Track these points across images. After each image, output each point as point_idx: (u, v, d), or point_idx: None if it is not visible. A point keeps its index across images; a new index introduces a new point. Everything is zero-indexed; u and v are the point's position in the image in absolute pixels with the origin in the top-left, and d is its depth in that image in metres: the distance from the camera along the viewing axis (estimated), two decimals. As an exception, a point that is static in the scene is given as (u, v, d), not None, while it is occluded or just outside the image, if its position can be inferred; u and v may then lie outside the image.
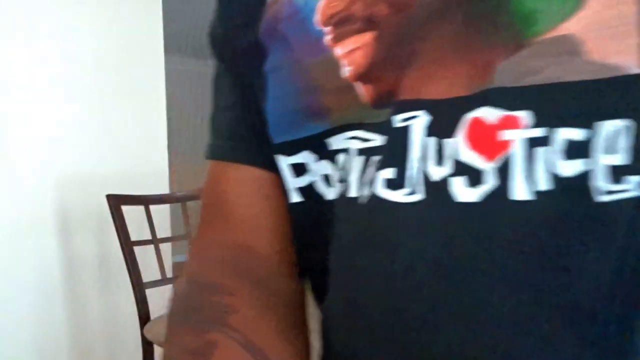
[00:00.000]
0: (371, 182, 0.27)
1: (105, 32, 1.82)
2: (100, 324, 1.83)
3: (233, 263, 0.34)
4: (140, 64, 1.91)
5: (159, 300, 1.90)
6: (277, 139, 0.34)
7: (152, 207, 1.68)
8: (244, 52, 0.35)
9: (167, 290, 1.97)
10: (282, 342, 0.29)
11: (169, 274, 1.75)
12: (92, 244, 1.80)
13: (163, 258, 1.70)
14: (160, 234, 1.71)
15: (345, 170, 0.30)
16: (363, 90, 0.29)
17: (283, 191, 0.35)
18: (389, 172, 0.26)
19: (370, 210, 0.27)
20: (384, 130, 0.28)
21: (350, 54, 0.29)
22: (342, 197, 0.30)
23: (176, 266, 2.05)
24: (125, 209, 1.59)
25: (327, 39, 0.30)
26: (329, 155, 0.32)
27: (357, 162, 0.29)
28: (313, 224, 0.33)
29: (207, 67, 5.16)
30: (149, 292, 1.61)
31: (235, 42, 0.36)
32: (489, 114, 0.24)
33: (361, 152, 0.29)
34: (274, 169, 0.35)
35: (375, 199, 0.27)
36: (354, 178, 0.29)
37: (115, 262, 1.81)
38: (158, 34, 1.96)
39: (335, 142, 0.31)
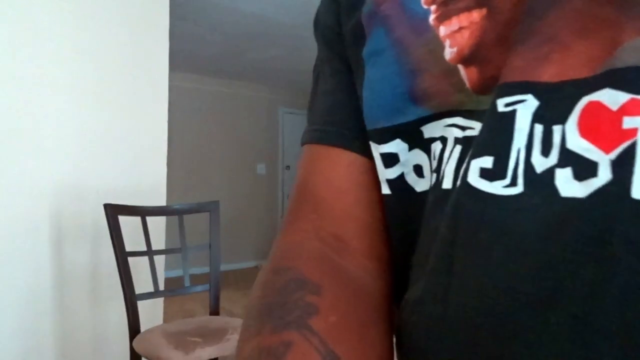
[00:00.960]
0: (464, 172, 0.25)
1: (111, 48, 1.86)
2: (88, 335, 1.82)
3: (321, 256, 0.31)
4: (144, 79, 1.95)
5: (150, 313, 1.90)
6: (371, 125, 0.32)
7: (148, 219, 1.69)
8: (346, 36, 0.35)
9: (158, 303, 1.97)
10: (362, 350, 0.27)
11: (161, 287, 1.75)
12: (85, 254, 1.80)
13: (156, 271, 1.70)
14: (154, 247, 1.72)
15: (440, 161, 0.28)
16: (466, 74, 0.27)
17: (378, 180, 0.33)
18: (486, 161, 0.24)
19: (462, 202, 0.24)
20: (485, 117, 0.25)
21: (455, 34, 0.27)
22: (436, 188, 0.28)
23: (169, 280, 2.04)
24: (121, 219, 1.60)
25: (432, 18, 0.28)
26: (423, 144, 0.30)
27: (455, 152, 0.27)
28: (401, 217, 0.32)
29: (207, 85, 5.22)
30: (140, 304, 1.61)
31: (338, 26, 0.36)
32: (611, 97, 0.21)
33: (459, 141, 0.27)
34: (370, 156, 0.33)
35: (468, 189, 0.24)
36: (450, 169, 0.27)
37: (107, 272, 1.82)
38: (164, 51, 2.00)
39: (431, 129, 0.29)
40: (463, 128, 0.27)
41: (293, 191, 0.38)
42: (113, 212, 1.58)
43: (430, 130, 0.30)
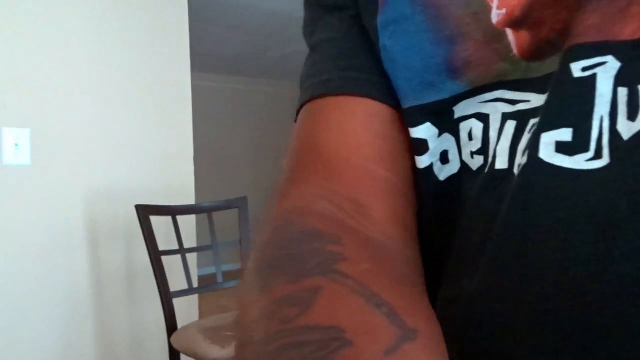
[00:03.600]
0: (532, 147, 0.22)
1: (134, 50, 1.89)
2: (127, 333, 1.87)
3: (334, 217, 0.26)
4: (168, 80, 1.97)
5: (185, 310, 1.94)
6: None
7: (178, 218, 1.72)
8: (359, 2, 0.30)
9: (193, 300, 2.00)
10: (409, 300, 0.22)
11: (195, 284, 1.78)
12: (120, 255, 1.85)
13: (190, 268, 1.73)
14: (186, 245, 1.75)
15: (486, 140, 0.25)
16: (514, 39, 0.24)
17: (408, 133, 0.29)
18: (563, 134, 0.21)
19: (533, 181, 0.22)
20: (545, 85, 0.23)
21: None
22: (485, 171, 0.25)
23: (202, 278, 2.08)
24: (153, 219, 1.63)
25: None
26: (452, 126, 0.27)
27: (507, 129, 0.24)
28: (426, 206, 0.29)
29: (229, 83, 5.26)
30: (175, 302, 1.64)
31: None
32: None
33: (510, 116, 0.24)
34: (399, 107, 0.29)
35: (540, 166, 0.21)
36: (503, 147, 0.24)
37: (142, 272, 1.86)
38: (185, 52, 2.02)
39: (464, 108, 0.26)
40: (513, 102, 0.24)
41: (291, 153, 0.31)
42: (144, 212, 1.61)
43: (462, 109, 0.26)
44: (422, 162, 0.28)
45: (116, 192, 1.84)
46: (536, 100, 0.23)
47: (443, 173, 0.28)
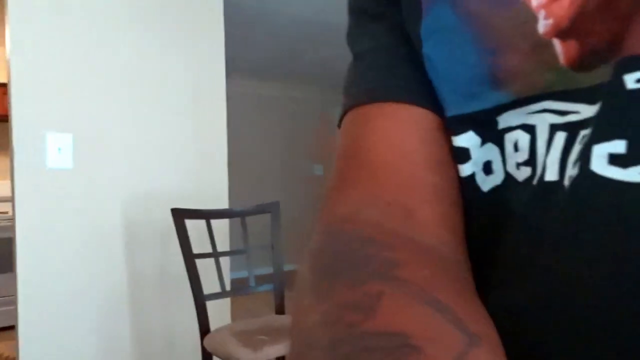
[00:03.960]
0: (583, 159, 0.22)
1: (172, 56, 1.94)
2: (161, 334, 1.91)
3: (383, 223, 0.26)
4: (203, 86, 2.01)
5: (218, 312, 1.96)
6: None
7: (212, 222, 1.75)
8: (402, 9, 0.30)
9: (225, 303, 2.03)
10: (468, 303, 0.22)
11: (227, 288, 1.80)
12: (155, 257, 1.89)
13: (222, 272, 1.75)
14: (219, 248, 1.77)
15: (533, 152, 0.25)
16: (562, 49, 0.24)
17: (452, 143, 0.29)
18: (616, 146, 0.21)
19: (585, 193, 0.21)
20: (597, 96, 0.22)
21: (551, 3, 0.23)
22: (534, 182, 0.25)
23: (234, 282, 2.10)
24: (187, 223, 1.66)
25: None
26: (496, 136, 0.27)
27: (557, 140, 0.24)
28: (471, 218, 0.29)
29: (262, 89, 5.31)
30: (208, 305, 1.66)
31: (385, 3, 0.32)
32: None
33: (559, 127, 0.24)
34: (443, 114, 0.29)
35: (592, 178, 0.21)
36: (553, 159, 0.24)
37: (176, 274, 1.89)
38: (220, 57, 2.06)
39: (509, 118, 0.26)
40: (562, 112, 0.24)
41: (339, 156, 0.31)
42: (179, 216, 1.64)
43: (507, 119, 0.26)
44: (464, 170, 0.28)
45: (152, 195, 1.88)
46: (586, 111, 0.23)
47: (486, 184, 0.28)
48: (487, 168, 0.28)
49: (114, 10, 1.81)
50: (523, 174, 0.26)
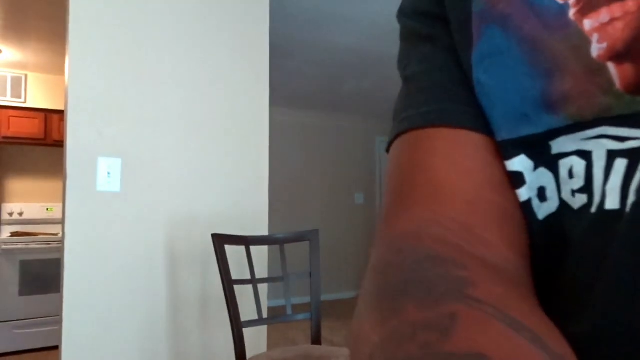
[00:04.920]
0: None
1: (219, 84, 2.00)
2: (198, 358, 1.91)
3: (450, 241, 0.26)
4: (247, 114, 2.06)
5: (255, 339, 1.95)
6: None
7: (251, 248, 1.76)
8: (453, 33, 0.31)
9: (262, 330, 2.02)
10: (545, 321, 0.21)
11: (264, 315, 1.80)
12: (195, 281, 1.91)
13: (260, 299, 1.75)
14: (258, 275, 1.77)
15: (590, 179, 0.25)
16: (617, 73, 0.23)
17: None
18: None
19: (638, 218, 0.21)
20: None
21: (605, 26, 0.23)
22: (593, 210, 0.24)
23: (271, 310, 2.10)
24: (227, 248, 1.68)
25: (572, 12, 0.24)
26: (549, 161, 0.27)
27: (617, 167, 0.23)
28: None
29: (305, 118, 5.39)
30: (245, 331, 1.66)
31: (439, 9, 0.32)
32: None
33: (619, 154, 0.24)
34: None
35: None
36: (613, 186, 0.24)
37: (215, 299, 1.91)
38: (265, 86, 2.11)
39: (563, 144, 0.26)
40: (621, 139, 0.23)
41: (396, 176, 0.31)
42: (220, 241, 1.66)
43: (561, 144, 0.26)
44: (522, 195, 0.28)
45: (195, 219, 1.92)
46: None
47: (541, 211, 0.27)
48: (541, 195, 0.27)
49: (167, 43, 1.89)
50: (579, 201, 0.25)
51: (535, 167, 0.27)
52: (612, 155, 0.24)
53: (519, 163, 0.27)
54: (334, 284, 5.54)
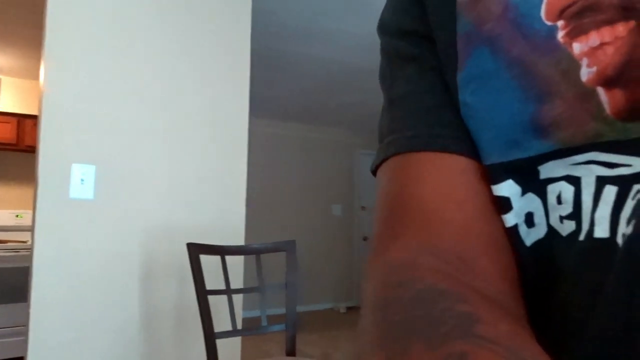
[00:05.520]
0: (638, 217, 0.21)
1: (197, 94, 1.99)
2: (171, 371, 1.87)
3: (444, 271, 0.25)
4: (226, 124, 2.06)
5: (229, 351, 1.93)
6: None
7: (227, 258, 1.74)
8: (439, 54, 0.30)
9: (236, 342, 1.99)
10: None
11: (239, 326, 1.78)
12: (171, 292, 1.88)
13: (235, 310, 1.73)
14: (233, 286, 1.75)
15: (578, 205, 0.24)
16: (607, 98, 0.23)
17: None
18: None
19: (637, 253, 0.21)
20: None
21: (595, 50, 0.23)
22: (581, 238, 0.24)
23: (246, 321, 2.07)
24: (203, 258, 1.66)
25: (561, 34, 0.24)
26: (537, 186, 0.26)
27: (607, 194, 0.23)
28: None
29: (286, 129, 5.40)
30: (218, 343, 1.64)
31: (424, 27, 0.31)
32: None
33: (608, 180, 0.23)
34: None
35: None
36: (602, 214, 0.23)
37: (191, 310, 1.88)
38: (245, 97, 2.11)
39: (552, 169, 0.25)
40: (610, 165, 0.23)
41: (385, 203, 0.30)
42: (195, 250, 1.65)
43: (549, 169, 0.25)
44: (508, 221, 0.27)
45: (171, 229, 1.90)
46: (639, 164, 0.22)
47: (529, 238, 0.27)
48: (529, 220, 0.27)
49: (146, 52, 1.88)
50: (567, 228, 0.25)
51: (523, 193, 0.27)
52: (601, 182, 0.23)
53: (507, 188, 0.27)
54: (310, 295, 5.52)
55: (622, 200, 0.22)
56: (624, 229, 0.22)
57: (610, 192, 0.23)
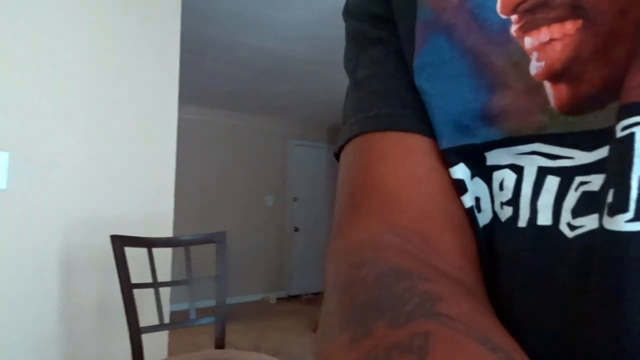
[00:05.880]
0: (596, 212, 0.22)
1: (124, 78, 1.90)
2: (92, 368, 1.80)
3: (407, 250, 0.25)
4: (154, 111, 1.98)
5: (154, 346, 1.88)
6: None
7: (154, 251, 1.69)
8: (399, 40, 0.31)
9: (163, 336, 1.94)
10: (510, 338, 0.21)
11: (166, 320, 1.73)
12: (94, 286, 1.80)
13: (162, 303, 1.69)
14: (160, 279, 1.70)
15: (517, 192, 0.25)
16: (552, 92, 0.24)
17: None
18: (610, 196, 0.21)
19: (594, 245, 0.21)
20: (587, 142, 0.23)
21: (544, 46, 0.24)
22: (530, 225, 0.25)
23: (174, 314, 2.03)
24: (128, 250, 1.60)
25: (514, 28, 0.25)
26: (483, 172, 0.27)
27: (549, 184, 0.24)
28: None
29: (218, 117, 5.29)
30: (145, 338, 1.59)
31: (387, 12, 0.32)
32: None
33: (550, 171, 0.24)
34: None
35: (605, 232, 0.21)
36: (545, 203, 0.24)
37: (114, 305, 1.80)
38: (174, 83, 2.04)
39: (497, 156, 0.27)
40: (553, 157, 0.24)
41: (347, 184, 0.31)
42: (119, 243, 1.58)
43: (495, 156, 0.27)
44: (465, 202, 0.28)
45: (94, 220, 1.80)
46: (580, 157, 0.23)
47: (480, 220, 0.28)
48: (477, 205, 0.28)
49: (69, 34, 1.77)
50: (505, 213, 0.26)
51: (472, 177, 0.28)
52: (542, 172, 0.24)
53: (460, 171, 0.28)
54: (241, 287, 5.48)
55: (565, 191, 0.23)
56: (568, 218, 0.23)
57: (552, 182, 0.24)
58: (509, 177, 0.26)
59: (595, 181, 0.23)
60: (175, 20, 2.05)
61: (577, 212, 0.23)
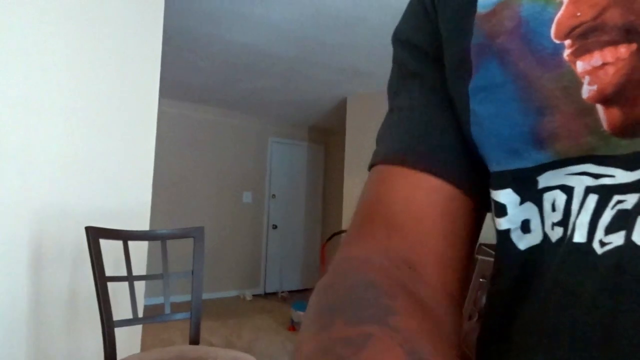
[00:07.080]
0: (628, 229, 0.23)
1: (103, 69, 1.87)
2: (63, 362, 1.77)
3: (391, 274, 0.29)
4: (134, 104, 1.96)
5: (127, 340, 1.86)
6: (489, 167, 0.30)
7: (130, 244, 1.67)
8: (447, 65, 0.33)
9: (136, 331, 1.92)
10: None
11: (140, 314, 1.72)
12: (65, 278, 1.77)
13: (136, 297, 1.67)
14: (135, 272, 1.69)
15: (567, 213, 0.26)
16: (604, 115, 0.24)
17: (468, 212, 0.33)
18: None
19: (624, 263, 0.22)
20: (632, 163, 0.23)
21: (597, 70, 0.24)
22: (565, 243, 0.26)
23: (148, 308, 2.01)
24: (103, 243, 1.58)
25: (567, 53, 0.25)
26: (535, 195, 0.28)
27: (588, 202, 0.25)
28: (500, 273, 0.30)
29: (197, 112, 5.25)
30: (117, 331, 1.57)
31: (431, 46, 0.34)
32: None
33: (592, 189, 0.25)
34: (464, 186, 0.32)
35: (633, 248, 0.22)
36: (582, 221, 0.25)
37: (87, 297, 1.78)
38: (155, 77, 2.02)
39: (549, 178, 0.27)
40: (596, 176, 0.25)
41: (360, 207, 0.35)
42: (94, 235, 1.56)
43: (547, 179, 0.27)
44: (501, 224, 0.30)
45: (68, 212, 1.78)
46: (621, 176, 0.24)
47: (523, 242, 0.29)
48: (525, 227, 0.28)
49: (48, 21, 1.73)
50: (556, 234, 0.26)
51: (522, 202, 0.29)
52: (587, 191, 0.25)
53: (504, 196, 0.29)
54: (217, 282, 5.44)
55: (602, 208, 0.24)
56: (601, 235, 0.24)
57: (591, 200, 0.25)
58: (560, 198, 0.26)
59: (630, 200, 0.23)
60: (158, 13, 2.03)
61: (609, 230, 0.24)
